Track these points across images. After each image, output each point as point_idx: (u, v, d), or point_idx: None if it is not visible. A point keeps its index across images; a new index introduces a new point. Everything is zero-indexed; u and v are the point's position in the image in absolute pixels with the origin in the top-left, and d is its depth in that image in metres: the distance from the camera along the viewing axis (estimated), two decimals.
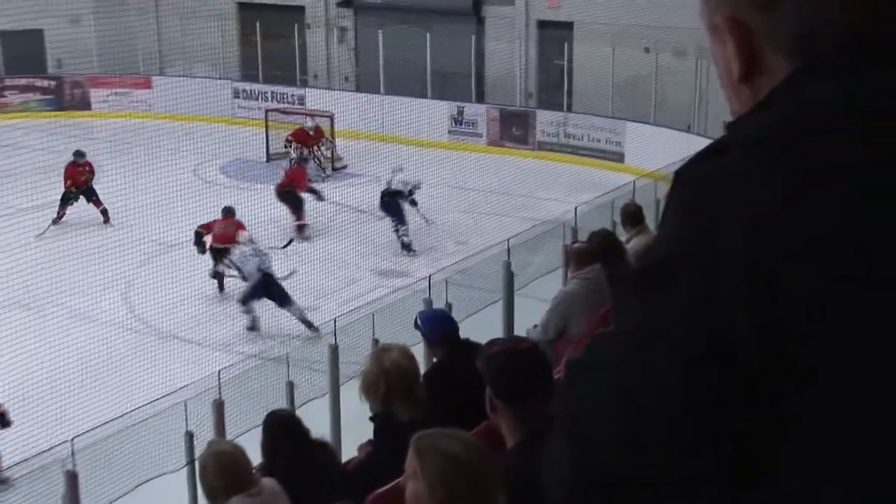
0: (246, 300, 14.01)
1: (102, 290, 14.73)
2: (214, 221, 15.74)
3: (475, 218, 18.56)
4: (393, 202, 17.21)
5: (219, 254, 15.28)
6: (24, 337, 12.98)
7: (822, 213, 0.80)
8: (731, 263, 0.81)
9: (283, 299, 13.89)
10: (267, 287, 13.99)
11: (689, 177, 0.88)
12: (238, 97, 26.04)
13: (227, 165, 22.12)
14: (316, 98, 24.48)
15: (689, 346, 0.82)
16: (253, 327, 13.91)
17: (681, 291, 0.83)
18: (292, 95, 25.64)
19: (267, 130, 23.21)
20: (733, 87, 0.95)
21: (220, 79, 26.28)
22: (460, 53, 24.53)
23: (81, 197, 18.78)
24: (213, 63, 26.74)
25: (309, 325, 13.48)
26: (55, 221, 18.20)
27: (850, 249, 0.79)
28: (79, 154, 19.28)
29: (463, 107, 23.87)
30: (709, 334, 0.82)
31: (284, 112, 23.86)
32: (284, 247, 16.24)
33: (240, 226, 15.49)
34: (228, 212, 15.83)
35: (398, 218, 17.04)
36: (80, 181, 18.81)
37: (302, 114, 23.30)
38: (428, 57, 24.63)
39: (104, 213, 18.54)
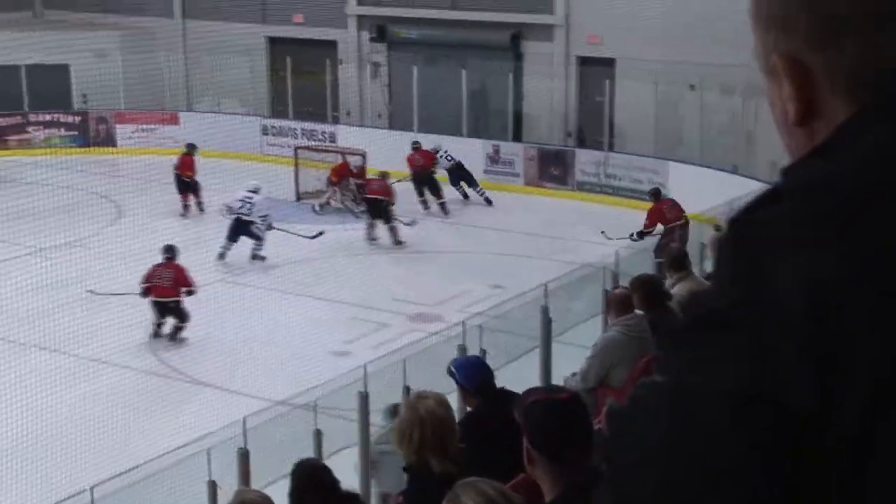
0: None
1: (123, 332, 14.82)
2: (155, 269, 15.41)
3: (512, 261, 18.58)
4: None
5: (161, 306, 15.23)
6: (42, 379, 13.08)
7: (888, 272, 0.80)
8: (792, 320, 0.82)
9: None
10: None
11: (744, 225, 0.88)
12: (267, 134, 26.26)
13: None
14: (348, 135, 24.64)
15: (743, 397, 0.82)
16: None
17: (736, 342, 0.83)
18: (323, 132, 25.81)
19: (297, 168, 23.37)
20: (789, 130, 0.95)
21: (248, 115, 26.54)
22: (497, 90, 24.64)
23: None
24: (241, 99, 27.05)
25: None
26: (184, 212, 20.89)
27: None
28: (192, 146, 21.55)
29: (499, 145, 23.94)
30: (764, 387, 0.82)
31: (315, 150, 24.01)
32: (313, 236, 18.43)
33: (179, 274, 15.30)
34: (169, 251, 15.68)
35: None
36: (194, 172, 21.22)
37: (333, 151, 23.44)
38: (464, 93, 24.78)
39: (199, 205, 21.07)
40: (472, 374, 6.06)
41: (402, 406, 4.87)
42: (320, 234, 19.10)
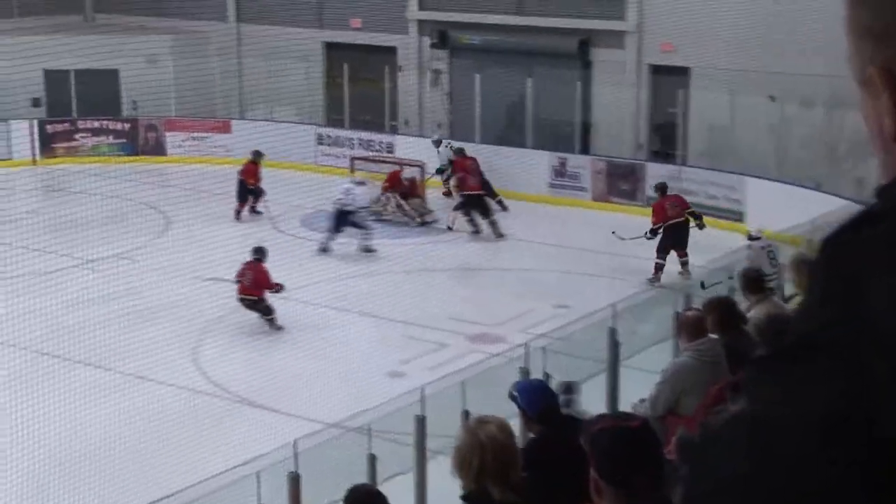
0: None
1: (170, 349, 14.99)
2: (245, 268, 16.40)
3: (577, 279, 18.53)
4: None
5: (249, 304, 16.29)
6: (87, 396, 13.25)
7: None
8: (888, 340, 0.83)
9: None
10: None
11: (838, 246, 0.89)
12: (322, 143, 26.40)
13: (309, 217, 22.41)
14: (406, 146, 24.73)
15: (835, 418, 0.84)
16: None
17: (828, 363, 0.85)
18: (381, 143, 25.92)
19: (358, 181, 23.45)
20: (885, 145, 0.95)
21: (303, 123, 26.73)
22: (564, 100, 24.61)
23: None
24: (296, 106, 27.24)
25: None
26: (237, 217, 21.51)
27: None
28: (258, 154, 22.18)
29: (566, 158, 23.88)
30: (857, 406, 0.83)
31: (372, 160, 24.11)
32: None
33: (260, 276, 16.26)
34: (257, 253, 16.69)
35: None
36: (258, 179, 21.96)
37: (390, 162, 23.54)
38: (529, 103, 24.79)
39: (253, 210, 21.83)
40: (535, 398, 6.06)
41: (460, 431, 4.88)
42: (370, 250, 19.72)
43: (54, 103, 27.33)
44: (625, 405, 9.27)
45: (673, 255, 18.15)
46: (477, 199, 21.30)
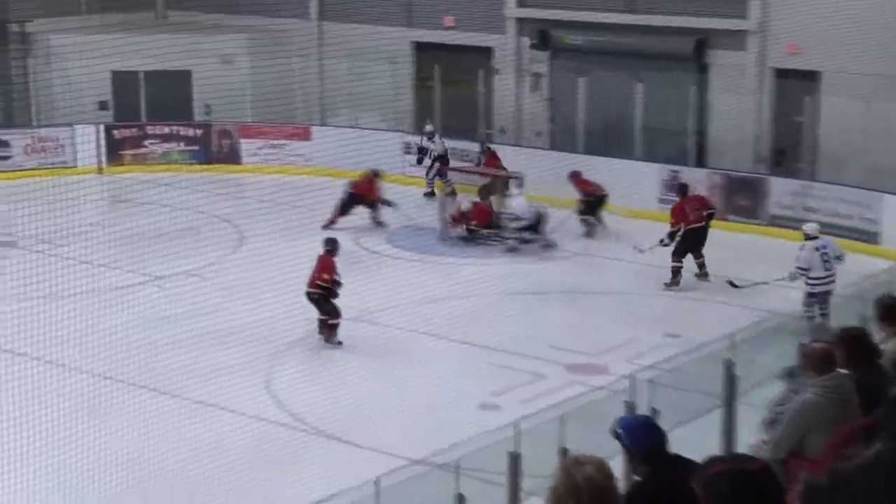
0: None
1: (242, 375, 15.12)
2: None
3: (689, 305, 18.41)
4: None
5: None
6: (151, 424, 13.42)
7: None
8: None
9: None
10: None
11: None
12: (410, 152, 26.52)
13: (396, 233, 22.53)
14: (502, 156, 24.67)
15: None
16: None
17: None
18: (475, 152, 26.00)
19: (443, 192, 23.68)
20: None
21: (390, 130, 26.91)
22: (677, 106, 24.49)
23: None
24: (382, 112, 27.41)
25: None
26: (329, 225, 21.71)
27: None
28: (375, 173, 22.77)
29: (678, 171, 23.69)
30: None
31: (465, 171, 24.18)
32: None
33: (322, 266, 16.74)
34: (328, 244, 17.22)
35: None
36: (375, 196, 22.67)
37: (485, 174, 23.60)
38: (637, 110, 24.67)
39: (376, 220, 22.57)
40: (641, 436, 6.00)
41: (556, 471, 4.85)
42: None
43: (122, 107, 27.87)
44: (743, 446, 9.16)
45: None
46: (595, 201, 22.41)
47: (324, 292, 16.66)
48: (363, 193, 22.67)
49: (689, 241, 19.41)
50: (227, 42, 28.07)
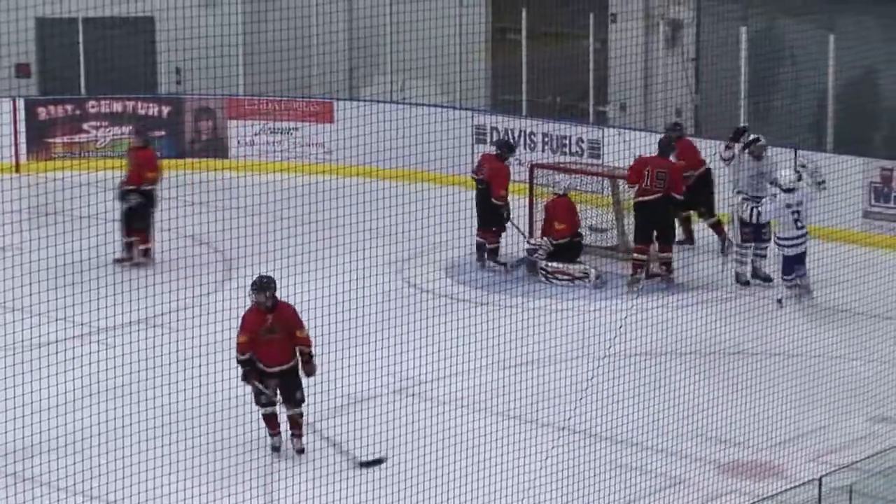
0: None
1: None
2: None
3: None
4: None
5: None
6: None
7: None
8: None
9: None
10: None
11: None
12: (482, 140, 26.41)
13: (458, 262, 22.48)
14: (621, 145, 24.57)
15: None
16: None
17: None
18: (579, 139, 25.88)
19: (531, 200, 23.63)
20: None
21: (453, 107, 27.00)
22: (891, 69, 24.31)
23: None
24: (441, 79, 27.35)
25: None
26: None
27: None
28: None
29: (893, 169, 23.49)
30: None
31: (564, 170, 24.22)
32: None
33: None
34: None
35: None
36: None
37: (592, 174, 23.54)
38: (829, 77, 24.47)
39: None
40: None
41: None
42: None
43: (51, 73, 27.95)
44: None
45: None
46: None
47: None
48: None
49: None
50: None
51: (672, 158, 22.73)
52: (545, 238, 22.89)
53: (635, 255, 22.72)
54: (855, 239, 22.84)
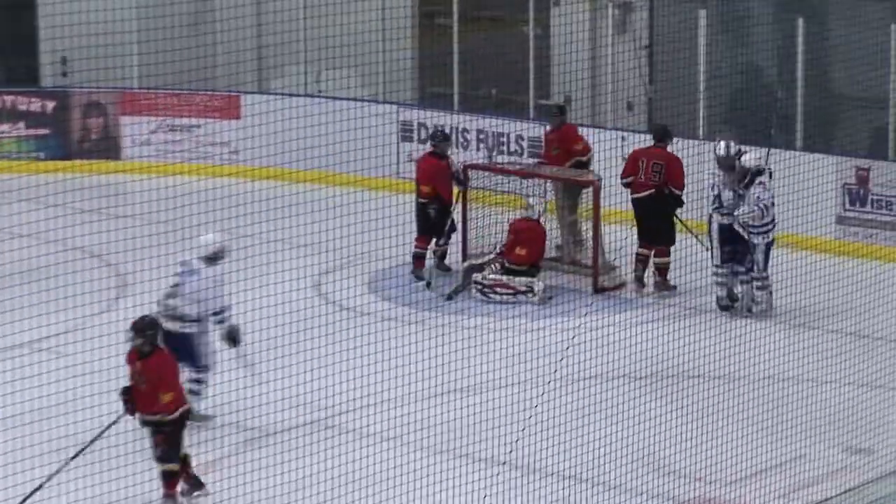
0: None
1: None
2: None
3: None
4: None
5: None
6: None
7: None
8: None
9: None
10: None
11: None
12: (409, 137, 26.53)
13: (383, 276, 22.59)
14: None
15: None
16: None
17: None
18: (518, 137, 26.03)
19: (464, 207, 23.85)
20: None
21: (375, 101, 27.19)
22: (872, 59, 24.60)
23: None
24: (363, 70, 27.43)
25: None
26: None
27: None
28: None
29: (869, 168, 23.72)
30: None
31: (494, 170, 24.53)
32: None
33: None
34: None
35: None
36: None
37: (532, 175, 23.75)
38: (799, 65, 24.62)
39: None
40: None
41: None
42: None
43: None
44: None
45: None
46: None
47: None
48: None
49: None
50: None
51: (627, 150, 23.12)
52: (503, 258, 23.22)
53: (639, 251, 23.28)
54: (827, 248, 22.85)
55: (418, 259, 23.57)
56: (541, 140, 25.51)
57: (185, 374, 17.75)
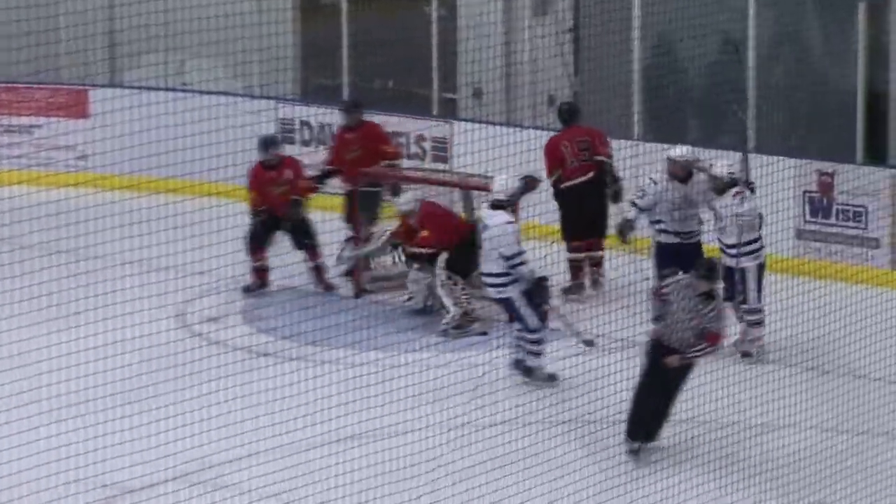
0: None
1: None
2: None
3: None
4: None
5: None
6: None
7: None
8: None
9: None
10: None
11: None
12: (291, 136, 26.72)
13: (253, 305, 22.76)
14: (474, 145, 24.83)
15: None
16: None
17: None
18: (420, 137, 26.22)
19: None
20: None
21: (251, 96, 27.43)
22: (829, 49, 24.76)
23: None
24: (237, 59, 27.54)
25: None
26: None
27: None
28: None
29: (833, 172, 23.90)
30: None
31: (401, 178, 24.60)
32: None
33: None
34: None
35: None
36: None
37: (440, 182, 24.21)
38: (751, 56, 24.93)
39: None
40: None
41: None
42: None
43: None
44: None
45: None
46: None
47: None
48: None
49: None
50: None
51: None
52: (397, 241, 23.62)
53: (570, 256, 23.55)
54: (785, 267, 23.19)
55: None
56: (445, 141, 25.73)
57: None
